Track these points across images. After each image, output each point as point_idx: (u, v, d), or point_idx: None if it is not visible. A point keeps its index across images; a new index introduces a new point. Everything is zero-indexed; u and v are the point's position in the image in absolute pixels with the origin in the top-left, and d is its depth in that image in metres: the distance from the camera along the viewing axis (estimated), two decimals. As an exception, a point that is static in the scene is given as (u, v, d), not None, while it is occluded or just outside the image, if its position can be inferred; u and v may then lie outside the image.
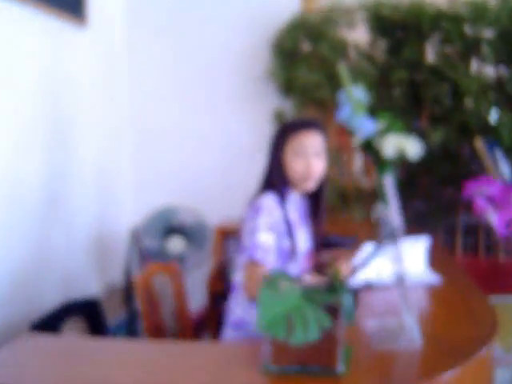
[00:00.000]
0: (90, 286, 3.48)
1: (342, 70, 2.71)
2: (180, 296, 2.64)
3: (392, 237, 1.77)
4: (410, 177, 3.52)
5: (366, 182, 3.63)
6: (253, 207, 2.03)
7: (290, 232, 2.05)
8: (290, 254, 2.06)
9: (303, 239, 2.17)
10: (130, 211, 3.82)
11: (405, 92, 3.43)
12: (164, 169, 4.01)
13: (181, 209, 3.12)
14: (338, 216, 3.63)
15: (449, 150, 3.45)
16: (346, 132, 3.00)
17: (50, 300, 3.05)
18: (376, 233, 2.69)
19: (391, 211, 2.64)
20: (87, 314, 2.83)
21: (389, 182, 2.68)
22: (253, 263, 1.93)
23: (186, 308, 2.64)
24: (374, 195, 3.28)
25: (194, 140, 3.92)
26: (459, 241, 3.52)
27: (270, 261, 1.93)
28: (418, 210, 3.55)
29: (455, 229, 3.52)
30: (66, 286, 3.24)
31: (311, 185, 2.11)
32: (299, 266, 2.12)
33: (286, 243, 2.05)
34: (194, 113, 3.93)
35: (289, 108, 3.62)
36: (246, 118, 3.79)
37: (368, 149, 2.80)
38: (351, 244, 2.80)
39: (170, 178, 3.95)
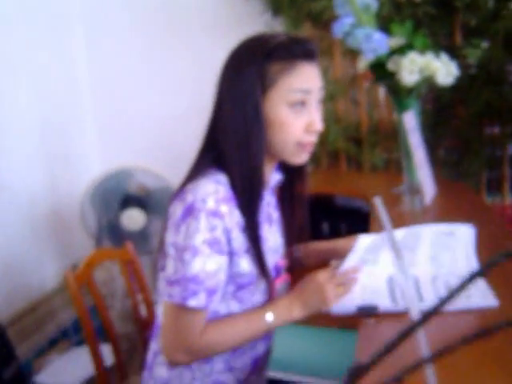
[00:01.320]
0: (40, 278, 2.85)
1: (337, -39, 1.97)
2: (134, 290, 2.01)
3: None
4: (440, 109, 2.76)
5: (385, 118, 2.88)
6: (186, 203, 1.25)
7: (256, 250, 1.30)
8: (255, 279, 1.34)
9: (274, 239, 1.45)
10: (88, 177, 3.14)
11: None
12: (129, 121, 3.32)
13: (137, 171, 2.42)
14: (348, 164, 2.92)
15: (490, 71, 2.67)
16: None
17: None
18: (399, 204, 2.03)
19: (416, 166, 1.94)
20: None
21: (410, 119, 1.96)
22: (181, 309, 1.24)
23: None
24: (395, 136, 2.54)
25: (165, 82, 3.21)
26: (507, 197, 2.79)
27: (213, 300, 1.25)
28: (452, 154, 2.81)
29: (502, 179, 2.78)
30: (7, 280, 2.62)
31: (306, 157, 1.34)
32: (265, 291, 1.39)
33: (247, 267, 1.31)
34: (163, 46, 3.21)
35: (279, 29, 2.86)
36: (228, 47, 3.03)
37: (379, 73, 2.09)
38: (363, 210, 2.10)
39: (137, 133, 3.28)
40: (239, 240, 1.26)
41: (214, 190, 1.22)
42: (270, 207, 1.42)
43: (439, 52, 2.05)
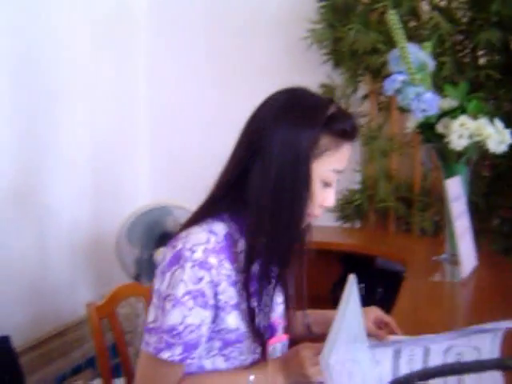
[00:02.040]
0: (72, 304, 2.85)
1: (392, 17, 1.93)
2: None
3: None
4: (497, 177, 2.64)
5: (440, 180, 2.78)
6: (174, 251, 1.20)
7: (249, 310, 1.23)
8: (243, 337, 1.26)
9: (276, 304, 1.37)
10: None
11: (494, 59, 2.56)
12: (183, 160, 3.32)
13: (174, 208, 2.40)
14: (397, 225, 2.81)
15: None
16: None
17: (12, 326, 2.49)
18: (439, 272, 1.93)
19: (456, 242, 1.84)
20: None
21: (455, 186, 1.87)
22: (154, 359, 1.18)
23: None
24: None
25: (221, 122, 3.18)
26: None
27: (192, 355, 1.19)
28: (505, 225, 2.67)
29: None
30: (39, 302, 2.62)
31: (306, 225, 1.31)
32: (254, 351, 1.30)
33: (234, 323, 1.24)
34: (221, 87, 3.21)
35: (339, 80, 2.82)
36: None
37: (428, 135, 2.01)
38: (401, 274, 2.00)
39: (189, 172, 3.24)
40: (227, 294, 1.19)
41: (205, 240, 1.17)
42: None
43: (494, 117, 1.96)
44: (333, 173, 1.21)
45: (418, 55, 1.99)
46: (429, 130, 1.95)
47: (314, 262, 2.61)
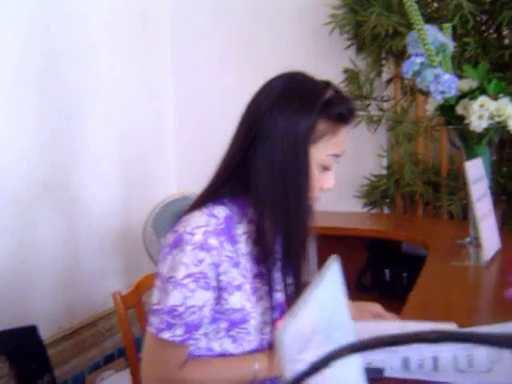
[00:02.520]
0: (104, 294, 2.90)
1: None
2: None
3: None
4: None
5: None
6: (175, 234, 1.23)
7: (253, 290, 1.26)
8: (248, 317, 1.27)
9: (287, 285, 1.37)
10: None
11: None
12: (209, 148, 3.32)
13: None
14: (426, 210, 2.78)
15: None
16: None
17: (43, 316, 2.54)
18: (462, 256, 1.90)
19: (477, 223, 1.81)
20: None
21: (475, 168, 1.84)
22: (157, 339, 1.21)
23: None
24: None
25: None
26: None
27: (195, 336, 1.21)
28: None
29: None
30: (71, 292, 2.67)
31: None
32: (262, 332, 1.30)
33: (238, 303, 1.25)
34: (248, 76, 3.18)
35: (362, 65, 2.80)
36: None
37: (448, 117, 1.98)
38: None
39: (219, 159, 3.24)
40: (230, 275, 1.22)
41: (205, 223, 1.20)
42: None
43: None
44: (331, 157, 1.24)
45: (437, 36, 1.95)
46: (449, 112, 1.92)
47: (340, 249, 2.61)
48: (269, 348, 1.28)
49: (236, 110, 3.54)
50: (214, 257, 1.19)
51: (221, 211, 1.25)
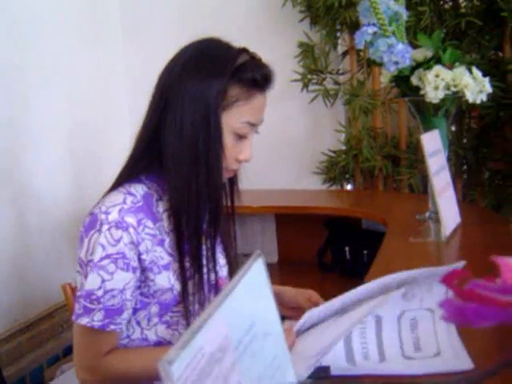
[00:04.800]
0: (60, 284, 2.79)
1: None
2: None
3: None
4: (485, 129, 2.54)
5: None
6: (90, 216, 1.16)
7: (181, 269, 1.18)
8: (179, 297, 1.20)
9: (219, 262, 1.32)
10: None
11: (476, 5, 2.43)
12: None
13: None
14: (386, 185, 2.72)
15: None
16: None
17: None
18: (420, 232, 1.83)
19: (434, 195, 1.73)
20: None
21: (431, 141, 1.77)
22: (78, 326, 1.15)
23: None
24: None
25: None
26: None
27: (117, 321, 1.14)
28: (496, 178, 2.57)
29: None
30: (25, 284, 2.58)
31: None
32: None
33: (166, 283, 1.18)
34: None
35: (317, 38, 2.70)
36: (265, 55, 2.87)
37: (403, 88, 1.90)
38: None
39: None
40: (154, 254, 1.15)
41: (121, 201, 1.13)
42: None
43: (476, 67, 1.85)
44: (246, 125, 1.17)
45: (390, 5, 1.86)
46: (404, 84, 1.83)
47: (299, 227, 2.54)
48: None
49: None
50: (132, 235, 1.11)
51: (138, 189, 1.18)
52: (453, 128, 2.61)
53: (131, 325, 1.18)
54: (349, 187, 2.87)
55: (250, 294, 0.52)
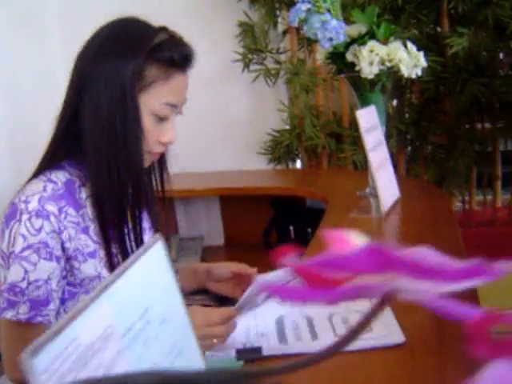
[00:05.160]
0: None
1: None
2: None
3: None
4: (426, 103, 2.55)
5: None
6: (10, 206, 1.12)
7: (107, 256, 1.15)
8: None
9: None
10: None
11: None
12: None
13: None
14: (330, 163, 2.72)
15: (479, 62, 2.46)
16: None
17: None
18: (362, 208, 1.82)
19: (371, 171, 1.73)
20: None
21: (368, 116, 1.76)
22: (4, 323, 1.10)
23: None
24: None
25: None
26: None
27: (43, 313, 1.09)
28: (438, 151, 2.60)
29: (493, 178, 2.58)
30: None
31: (149, 162, 1.25)
32: None
33: (93, 272, 1.15)
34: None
35: (258, 19, 2.66)
36: (203, 36, 2.83)
37: (338, 65, 1.89)
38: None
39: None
40: (78, 242, 1.12)
41: (41, 189, 1.09)
42: None
43: (411, 42, 1.85)
44: (166, 106, 1.14)
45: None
46: (339, 60, 1.82)
47: (244, 208, 2.51)
48: None
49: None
50: (54, 223, 1.08)
51: (60, 176, 1.14)
52: (394, 103, 2.63)
53: (60, 316, 1.15)
54: (298, 165, 2.86)
55: (144, 280, 0.49)
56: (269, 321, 1.08)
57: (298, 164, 2.88)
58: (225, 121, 2.87)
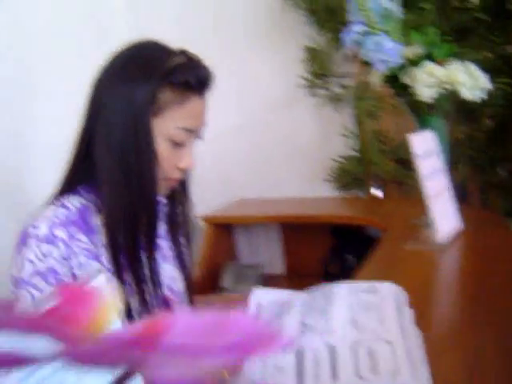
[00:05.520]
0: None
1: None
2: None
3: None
4: (497, 128, 2.42)
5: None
6: (21, 231, 1.10)
7: (120, 284, 1.12)
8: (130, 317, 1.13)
9: (164, 271, 1.26)
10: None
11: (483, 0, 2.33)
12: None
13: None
14: (400, 191, 2.62)
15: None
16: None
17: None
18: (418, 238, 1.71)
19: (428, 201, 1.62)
20: None
21: (424, 141, 1.67)
22: None
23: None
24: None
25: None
26: None
27: None
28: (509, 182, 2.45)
29: None
30: None
31: (167, 191, 1.21)
32: None
33: None
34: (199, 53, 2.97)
35: (322, 41, 2.62)
36: (268, 60, 2.81)
37: (395, 88, 1.81)
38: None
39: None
40: (88, 269, 1.08)
41: (52, 215, 1.07)
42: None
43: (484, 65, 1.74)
44: (182, 131, 1.10)
45: (382, 2, 1.78)
46: (395, 83, 1.74)
47: (305, 236, 2.44)
48: None
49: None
50: (63, 250, 1.05)
51: (74, 201, 1.12)
52: (464, 128, 2.50)
53: None
54: (366, 193, 2.77)
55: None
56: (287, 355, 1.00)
57: (367, 192, 2.79)
58: (289, 146, 2.82)
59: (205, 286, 2.24)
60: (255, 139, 2.86)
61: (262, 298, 1.10)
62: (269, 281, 2.32)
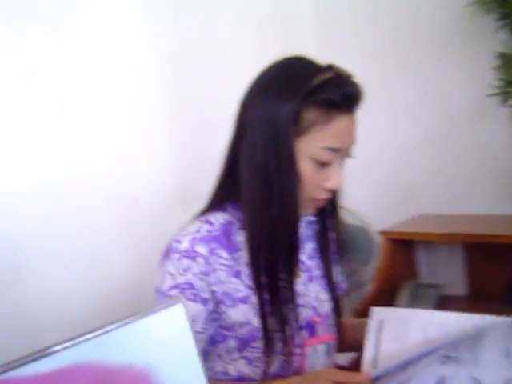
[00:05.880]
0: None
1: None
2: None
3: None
4: None
5: None
6: (167, 245, 1.13)
7: (259, 303, 1.11)
8: (258, 333, 1.12)
9: (309, 292, 1.23)
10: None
11: None
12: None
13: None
14: None
15: None
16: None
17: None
18: None
19: None
20: None
21: None
22: None
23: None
24: None
25: (395, 108, 2.86)
26: None
27: None
28: None
29: None
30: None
31: (313, 211, 1.19)
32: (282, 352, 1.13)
33: (240, 317, 1.11)
34: (388, 63, 2.91)
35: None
36: (456, 70, 2.68)
37: None
38: None
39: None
40: (228, 286, 1.08)
41: (195, 230, 1.09)
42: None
43: None
44: (327, 150, 1.06)
45: None
46: None
47: (489, 256, 2.27)
48: (295, 373, 1.11)
49: (377, 96, 3.16)
50: (202, 265, 1.06)
51: (219, 217, 1.13)
52: None
53: (211, 357, 1.13)
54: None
55: (152, 336, 0.44)
56: (427, 381, 0.93)
57: None
58: (480, 160, 2.65)
59: (379, 303, 2.16)
60: (441, 152, 2.73)
61: (383, 315, 1.06)
62: (448, 302, 2.18)
